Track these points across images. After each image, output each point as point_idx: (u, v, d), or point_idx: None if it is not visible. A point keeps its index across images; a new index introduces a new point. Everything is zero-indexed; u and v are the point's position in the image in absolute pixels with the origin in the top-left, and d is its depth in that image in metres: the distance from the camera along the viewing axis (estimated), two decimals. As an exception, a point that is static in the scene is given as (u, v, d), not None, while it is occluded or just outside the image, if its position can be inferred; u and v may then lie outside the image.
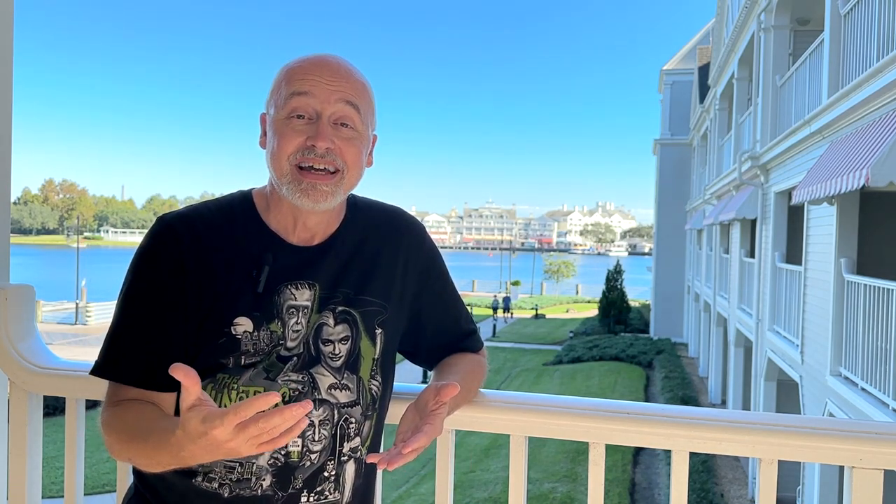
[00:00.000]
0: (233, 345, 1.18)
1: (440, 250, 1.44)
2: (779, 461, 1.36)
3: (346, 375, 1.24)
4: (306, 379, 1.21)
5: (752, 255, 13.52)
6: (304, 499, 1.20)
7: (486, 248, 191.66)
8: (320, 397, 1.21)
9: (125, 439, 1.13)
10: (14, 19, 1.69)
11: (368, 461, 1.10)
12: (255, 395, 1.18)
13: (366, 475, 1.30)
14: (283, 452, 1.19)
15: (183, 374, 0.94)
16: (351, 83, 1.22)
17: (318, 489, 1.22)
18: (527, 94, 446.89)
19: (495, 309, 39.78)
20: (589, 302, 50.31)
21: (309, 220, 1.25)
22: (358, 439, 1.24)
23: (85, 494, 1.67)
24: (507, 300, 43.10)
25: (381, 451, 1.23)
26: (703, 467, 11.76)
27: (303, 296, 1.23)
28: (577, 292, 60.45)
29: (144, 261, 1.22)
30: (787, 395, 10.80)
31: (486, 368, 1.47)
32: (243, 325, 1.19)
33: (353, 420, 1.24)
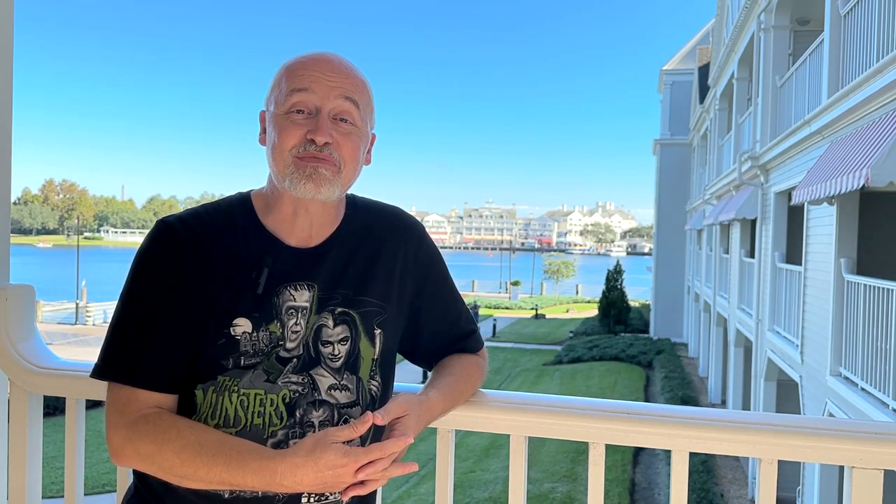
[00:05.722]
0: (232, 345, 1.19)
1: (440, 250, 1.44)
2: (779, 461, 1.36)
3: (345, 376, 1.24)
4: (306, 380, 1.21)
5: (751, 255, 13.51)
6: (304, 499, 1.20)
7: (486, 248, 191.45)
8: (320, 398, 1.22)
9: (189, 456, 1.10)
10: (14, 19, 1.69)
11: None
12: (255, 398, 1.18)
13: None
14: None
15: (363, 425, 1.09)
16: (350, 80, 1.24)
17: None
18: (527, 93, 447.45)
19: None
20: (589, 302, 50.27)
21: (310, 210, 1.25)
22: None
23: (85, 494, 1.67)
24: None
25: None
26: (703, 467, 11.75)
27: (302, 297, 1.23)
28: (577, 292, 60.42)
29: (144, 263, 1.22)
30: (787, 395, 10.80)
31: (484, 369, 1.47)
32: (242, 325, 1.20)
33: (352, 420, 1.24)
